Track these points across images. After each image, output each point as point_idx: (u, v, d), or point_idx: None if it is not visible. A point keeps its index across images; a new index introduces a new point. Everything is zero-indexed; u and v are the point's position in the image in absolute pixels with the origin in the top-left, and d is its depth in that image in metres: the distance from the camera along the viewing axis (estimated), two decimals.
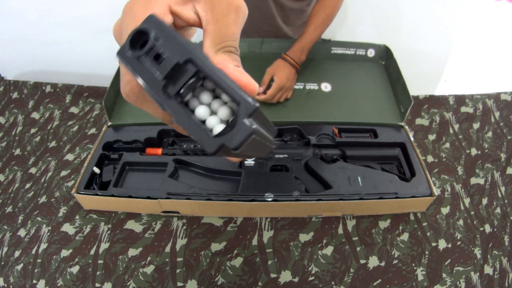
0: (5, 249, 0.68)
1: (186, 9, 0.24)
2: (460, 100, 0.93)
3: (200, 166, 0.72)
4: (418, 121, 0.89)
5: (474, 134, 0.86)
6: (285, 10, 0.87)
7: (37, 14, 1.17)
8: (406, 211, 0.69)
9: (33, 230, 0.70)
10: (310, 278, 0.61)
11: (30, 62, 1.31)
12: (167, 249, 0.65)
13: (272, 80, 0.79)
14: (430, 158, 0.81)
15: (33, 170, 0.84)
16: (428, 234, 0.67)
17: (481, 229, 0.68)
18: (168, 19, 0.24)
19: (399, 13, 1.25)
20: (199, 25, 0.25)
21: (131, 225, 0.69)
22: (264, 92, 0.79)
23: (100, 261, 0.64)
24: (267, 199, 0.64)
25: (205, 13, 0.24)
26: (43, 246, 0.67)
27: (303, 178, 0.69)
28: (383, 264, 0.63)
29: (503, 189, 0.75)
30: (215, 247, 0.65)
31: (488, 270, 0.63)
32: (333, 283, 0.61)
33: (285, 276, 0.62)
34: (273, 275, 0.62)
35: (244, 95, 0.20)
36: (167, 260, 0.64)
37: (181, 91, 0.20)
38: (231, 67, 0.22)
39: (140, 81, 0.20)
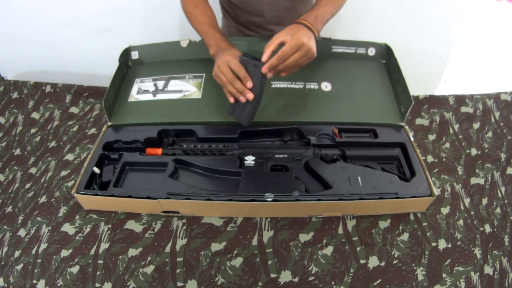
0: (5, 249, 0.68)
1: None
2: (460, 100, 0.93)
3: (200, 166, 0.72)
4: (418, 121, 0.89)
5: (474, 134, 0.86)
6: (280, 10, 0.87)
7: (37, 14, 1.17)
8: (406, 211, 0.69)
9: (33, 230, 0.70)
10: (310, 278, 0.61)
11: (30, 62, 1.31)
12: (167, 249, 0.65)
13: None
14: (430, 158, 0.81)
15: (33, 170, 0.84)
16: (428, 234, 0.67)
17: (481, 229, 0.68)
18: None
19: (399, 12, 1.25)
20: None
21: (131, 225, 0.69)
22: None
23: (100, 261, 0.64)
24: (267, 199, 0.64)
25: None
26: (43, 246, 0.67)
27: (303, 178, 0.69)
28: (383, 264, 0.63)
29: (503, 189, 0.75)
30: (215, 247, 0.65)
31: (488, 270, 0.63)
32: (333, 283, 0.61)
33: (285, 276, 0.62)
34: (273, 275, 0.62)
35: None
36: (167, 260, 0.64)
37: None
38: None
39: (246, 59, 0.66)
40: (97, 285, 0.61)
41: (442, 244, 0.65)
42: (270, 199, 0.64)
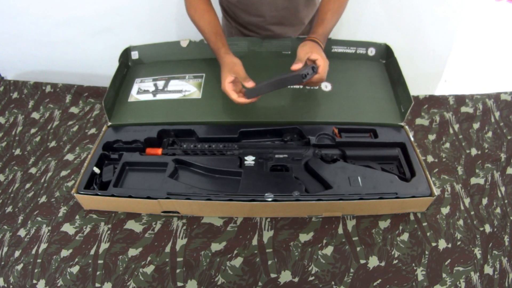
0: (5, 249, 0.68)
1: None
2: (460, 100, 0.93)
3: (200, 166, 0.72)
4: (418, 121, 0.89)
5: (474, 134, 0.86)
6: (279, 10, 0.87)
7: (37, 14, 1.17)
8: (406, 211, 0.69)
9: (33, 230, 0.70)
10: (310, 278, 0.61)
11: (30, 62, 1.31)
12: (167, 249, 0.65)
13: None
14: (430, 158, 0.81)
15: (33, 170, 0.84)
16: (428, 234, 0.67)
17: (481, 229, 0.68)
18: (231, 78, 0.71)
19: (399, 12, 1.25)
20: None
21: (131, 225, 0.69)
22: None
23: (100, 261, 0.64)
24: (267, 199, 0.64)
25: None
26: (43, 246, 0.67)
27: (303, 178, 0.69)
28: (383, 264, 0.63)
29: (503, 189, 0.75)
30: (215, 247, 0.65)
31: (488, 270, 0.63)
32: (333, 283, 0.61)
33: (285, 276, 0.62)
34: (273, 275, 0.62)
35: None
36: (167, 260, 0.64)
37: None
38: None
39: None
40: (97, 285, 0.61)
41: (442, 244, 0.65)
42: (270, 199, 0.64)
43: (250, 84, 0.69)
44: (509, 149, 0.83)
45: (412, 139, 0.75)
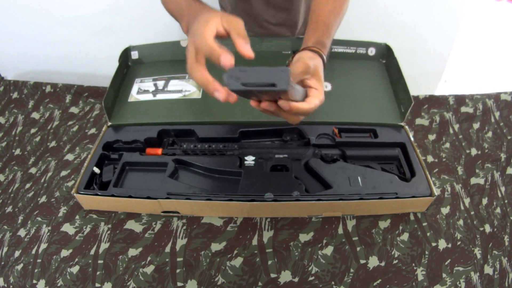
0: (5, 249, 0.68)
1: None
2: (460, 100, 0.93)
3: (200, 166, 0.72)
4: (418, 121, 0.89)
5: (474, 134, 0.86)
6: (278, 10, 0.86)
7: (37, 14, 1.17)
8: (406, 211, 0.69)
9: (33, 230, 0.70)
10: (310, 278, 0.61)
11: (30, 62, 1.31)
12: (167, 249, 0.65)
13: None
14: (430, 158, 0.81)
15: (33, 170, 0.84)
16: (428, 234, 0.67)
17: (481, 229, 0.68)
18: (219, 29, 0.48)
19: (399, 12, 1.25)
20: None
21: (131, 225, 0.69)
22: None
23: (100, 261, 0.64)
24: (267, 199, 0.64)
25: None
26: (43, 246, 0.67)
27: (303, 178, 0.69)
28: (383, 264, 0.63)
29: (503, 189, 0.75)
30: (215, 247, 0.65)
31: (488, 270, 0.63)
32: (333, 283, 0.61)
33: (285, 276, 0.62)
34: (273, 275, 0.62)
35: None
36: (167, 260, 0.64)
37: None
38: None
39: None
40: (97, 285, 0.61)
41: (442, 244, 0.65)
42: (270, 199, 0.64)
43: (247, 49, 0.48)
44: (509, 149, 0.83)
45: (412, 139, 0.74)
